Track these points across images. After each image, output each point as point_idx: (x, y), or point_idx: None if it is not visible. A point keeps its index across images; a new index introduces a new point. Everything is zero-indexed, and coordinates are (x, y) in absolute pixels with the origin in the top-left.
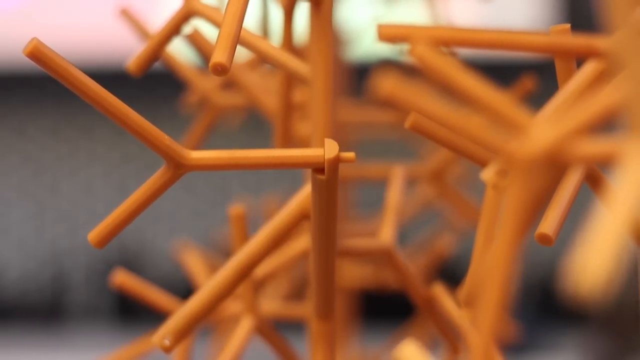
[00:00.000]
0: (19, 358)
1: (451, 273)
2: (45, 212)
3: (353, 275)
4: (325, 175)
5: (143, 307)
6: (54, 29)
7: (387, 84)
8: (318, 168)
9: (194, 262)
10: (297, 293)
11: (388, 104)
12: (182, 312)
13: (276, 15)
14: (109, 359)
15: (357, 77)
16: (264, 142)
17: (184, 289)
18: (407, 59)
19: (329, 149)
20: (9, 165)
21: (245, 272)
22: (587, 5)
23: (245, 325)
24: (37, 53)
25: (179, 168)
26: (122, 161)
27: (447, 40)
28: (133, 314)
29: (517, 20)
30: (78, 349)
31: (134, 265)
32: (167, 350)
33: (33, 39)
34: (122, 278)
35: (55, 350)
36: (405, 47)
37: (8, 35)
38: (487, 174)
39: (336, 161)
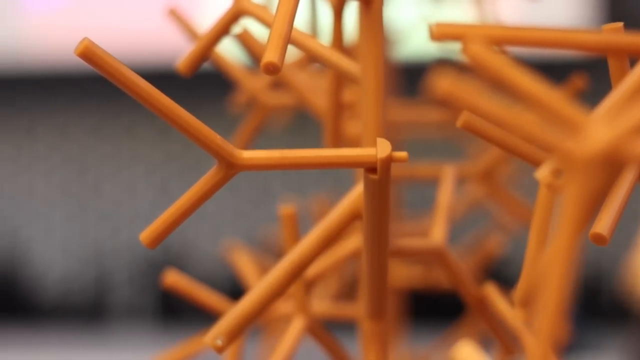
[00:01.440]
0: (62, 358)
1: (497, 273)
2: (87, 212)
3: (401, 275)
4: (378, 175)
5: (186, 307)
6: (98, 29)
7: (444, 83)
8: (370, 168)
9: (244, 262)
10: (346, 293)
11: (442, 102)
12: (234, 312)
13: (326, 15)
14: (160, 359)
15: (404, 76)
16: (305, 142)
17: (226, 289)
18: (459, 58)
19: (382, 149)
20: (52, 165)
21: (297, 272)
22: (629, 3)
23: (296, 325)
24: (88, 53)
25: (231, 168)
26: (164, 161)
27: (500, 38)
28: (176, 314)
29: (557, 19)
30: (121, 349)
31: (176, 265)
32: (220, 350)
33: (84, 38)
34: (172, 278)
35: (98, 350)
36: (456, 46)
37: (51, 35)
38: (542, 174)
39: (389, 161)
